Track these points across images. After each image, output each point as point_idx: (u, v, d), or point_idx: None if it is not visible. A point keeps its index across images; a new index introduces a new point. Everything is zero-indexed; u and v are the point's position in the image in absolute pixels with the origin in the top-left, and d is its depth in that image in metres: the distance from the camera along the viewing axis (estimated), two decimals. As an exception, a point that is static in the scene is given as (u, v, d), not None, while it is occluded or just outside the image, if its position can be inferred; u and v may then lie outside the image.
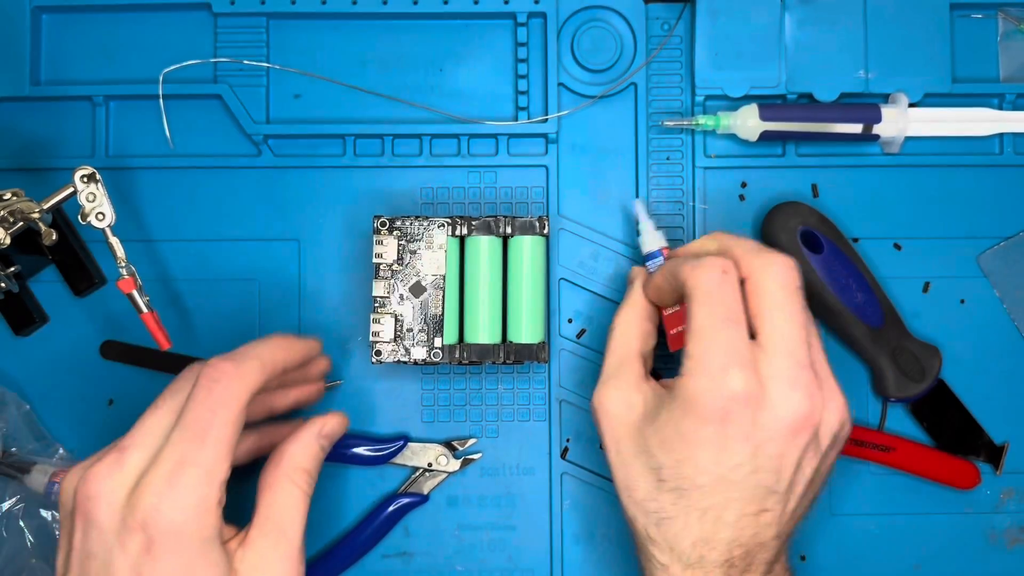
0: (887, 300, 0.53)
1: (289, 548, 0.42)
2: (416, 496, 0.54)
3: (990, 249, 0.55)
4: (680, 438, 0.41)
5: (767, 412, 0.40)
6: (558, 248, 0.55)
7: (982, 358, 0.55)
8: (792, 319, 0.42)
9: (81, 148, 0.55)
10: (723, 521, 0.41)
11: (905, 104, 0.53)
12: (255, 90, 0.55)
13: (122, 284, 0.48)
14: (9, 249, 0.48)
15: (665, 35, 0.56)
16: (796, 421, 0.40)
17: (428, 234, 0.49)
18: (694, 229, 0.55)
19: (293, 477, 0.43)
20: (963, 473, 0.53)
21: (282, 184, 0.55)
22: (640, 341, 0.47)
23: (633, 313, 0.48)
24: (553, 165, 0.55)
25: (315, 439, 0.44)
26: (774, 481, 0.41)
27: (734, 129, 0.53)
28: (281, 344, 0.44)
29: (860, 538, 0.54)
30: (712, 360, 0.40)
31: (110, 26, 0.55)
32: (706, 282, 0.42)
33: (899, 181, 0.55)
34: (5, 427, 0.53)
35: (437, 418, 0.54)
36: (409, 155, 0.55)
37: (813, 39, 0.54)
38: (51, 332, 0.55)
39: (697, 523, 0.41)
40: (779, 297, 0.42)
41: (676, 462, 0.41)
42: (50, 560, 0.53)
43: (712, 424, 0.40)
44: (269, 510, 0.42)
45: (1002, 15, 0.56)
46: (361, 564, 0.54)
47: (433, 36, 0.56)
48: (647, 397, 0.44)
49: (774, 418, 0.40)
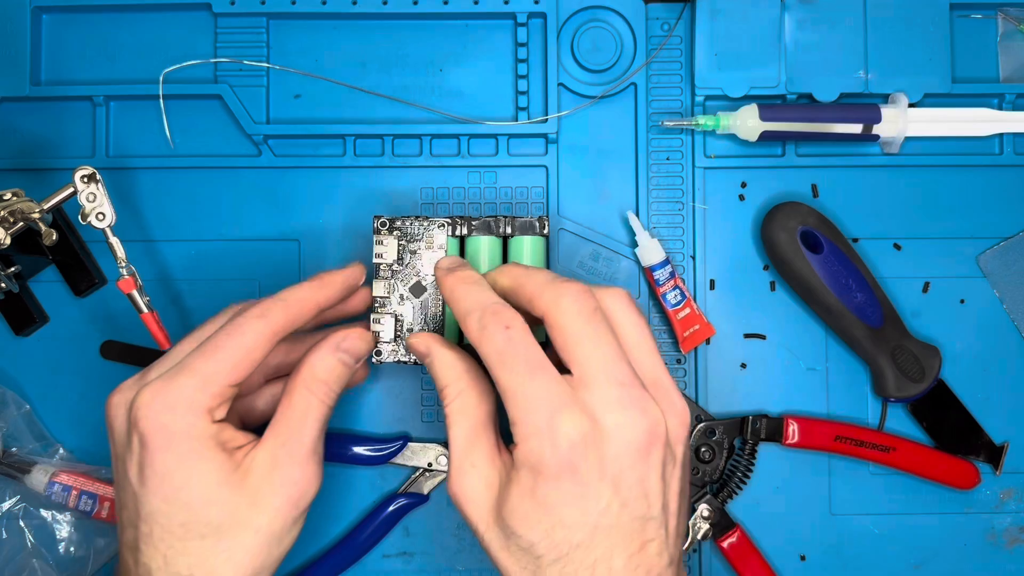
0: (887, 300, 0.53)
1: (300, 451, 0.43)
2: (416, 496, 0.54)
3: (990, 249, 0.55)
4: (539, 507, 0.38)
5: (610, 444, 0.38)
6: (558, 248, 0.55)
7: (982, 358, 0.55)
8: (598, 343, 0.40)
9: (81, 148, 0.55)
10: (615, 570, 0.38)
11: (905, 104, 0.53)
12: (255, 90, 0.55)
13: (122, 284, 0.48)
14: (9, 249, 0.48)
15: (665, 35, 0.56)
16: (642, 441, 0.39)
17: (428, 234, 0.49)
18: (694, 229, 0.55)
19: (310, 386, 0.44)
20: (963, 473, 0.53)
21: (282, 184, 0.55)
22: (481, 406, 0.43)
23: (458, 382, 0.43)
24: (553, 165, 0.55)
25: (333, 352, 0.45)
26: (646, 508, 0.39)
27: (734, 129, 0.53)
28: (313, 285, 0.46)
29: (860, 538, 0.54)
30: (535, 417, 0.38)
31: (110, 26, 0.56)
32: (493, 345, 0.40)
33: (899, 181, 0.55)
34: (5, 427, 0.53)
35: (437, 418, 0.54)
36: (409, 155, 0.55)
37: (813, 39, 0.54)
38: (51, 332, 0.55)
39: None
40: (578, 327, 0.40)
41: (545, 533, 0.38)
42: (49, 560, 0.53)
43: (564, 479, 0.38)
44: (284, 414, 0.44)
45: (1002, 15, 0.56)
46: (361, 564, 0.54)
47: (433, 36, 0.56)
48: (501, 471, 0.41)
49: (619, 446, 0.38)
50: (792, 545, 0.54)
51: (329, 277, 0.46)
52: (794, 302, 0.55)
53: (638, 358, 0.41)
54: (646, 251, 0.53)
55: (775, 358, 0.55)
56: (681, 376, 0.55)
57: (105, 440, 0.44)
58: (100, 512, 0.53)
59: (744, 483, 0.54)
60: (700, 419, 0.54)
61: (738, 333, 0.55)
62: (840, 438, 0.53)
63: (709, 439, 0.54)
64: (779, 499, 0.54)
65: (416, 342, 0.45)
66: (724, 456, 0.53)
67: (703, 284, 0.55)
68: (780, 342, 0.55)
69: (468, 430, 0.42)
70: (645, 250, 0.53)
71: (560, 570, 0.39)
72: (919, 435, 0.55)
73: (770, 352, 0.55)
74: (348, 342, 0.46)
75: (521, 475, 0.39)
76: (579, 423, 0.38)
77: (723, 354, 0.55)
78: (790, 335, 0.55)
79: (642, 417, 0.39)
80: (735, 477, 0.54)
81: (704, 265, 0.55)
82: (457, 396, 0.43)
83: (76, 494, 0.52)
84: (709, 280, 0.55)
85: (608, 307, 0.42)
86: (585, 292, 0.41)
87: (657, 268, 0.53)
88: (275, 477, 0.42)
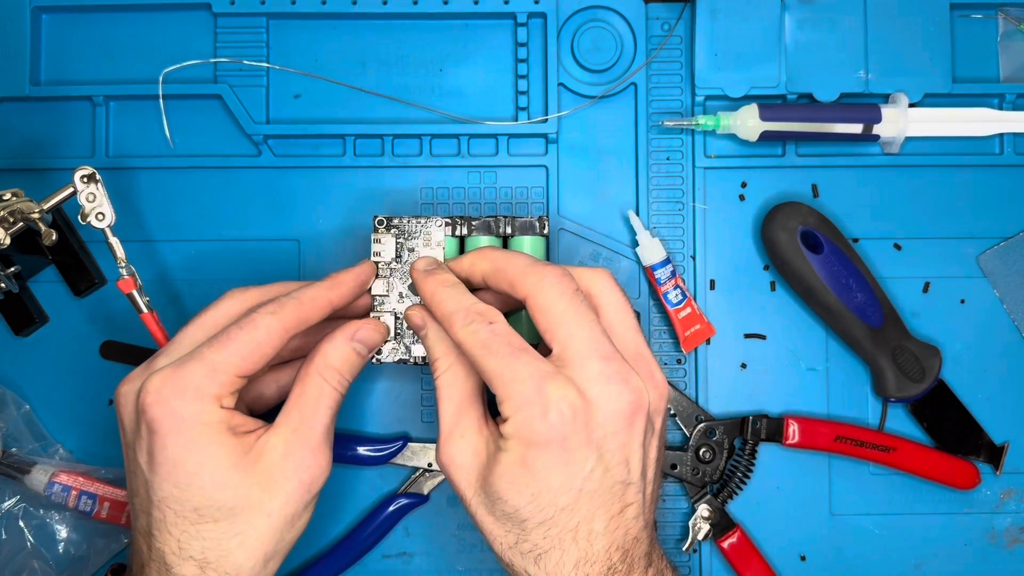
0: (887, 300, 0.53)
1: (310, 436, 0.44)
2: (416, 496, 0.54)
3: (990, 249, 0.55)
4: (527, 473, 0.40)
5: (596, 412, 0.40)
6: (558, 248, 0.55)
7: (982, 358, 0.55)
8: (580, 322, 0.41)
9: (81, 148, 0.55)
10: (595, 532, 0.40)
11: (905, 104, 0.53)
12: (255, 90, 0.55)
13: (122, 284, 0.48)
14: (9, 249, 0.48)
15: (665, 35, 0.56)
16: (626, 410, 0.40)
17: (426, 231, 0.49)
18: (694, 229, 0.55)
19: (324, 373, 0.45)
20: (963, 473, 0.53)
21: (282, 184, 0.55)
22: (469, 380, 0.45)
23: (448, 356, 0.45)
24: (553, 165, 0.55)
25: (347, 341, 0.46)
26: (626, 473, 0.41)
27: (734, 129, 0.53)
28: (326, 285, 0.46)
29: (860, 538, 0.54)
30: (523, 388, 0.40)
31: (110, 26, 0.55)
32: (478, 337, 0.42)
33: (899, 181, 0.55)
34: (5, 427, 0.53)
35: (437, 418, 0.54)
36: (409, 155, 0.55)
37: (813, 39, 0.54)
38: (51, 332, 0.55)
39: (572, 545, 0.40)
40: (560, 307, 0.42)
41: (532, 497, 0.40)
42: (49, 560, 0.53)
43: (552, 446, 0.39)
44: (296, 400, 0.44)
45: (1002, 15, 0.56)
46: (361, 564, 0.54)
47: (433, 36, 0.56)
48: (488, 441, 0.43)
49: (605, 414, 0.40)
50: (792, 545, 0.54)
51: (341, 277, 0.47)
52: (794, 302, 0.55)
53: (620, 334, 0.43)
54: (647, 250, 0.53)
55: (775, 358, 0.55)
56: (681, 376, 0.55)
57: (105, 440, 0.44)
58: (100, 512, 0.52)
59: (744, 483, 0.54)
60: (700, 419, 0.54)
61: (738, 333, 0.55)
62: (840, 438, 0.53)
63: (709, 439, 0.54)
64: (779, 499, 0.54)
65: (413, 313, 0.47)
66: (724, 456, 0.53)
67: (703, 284, 0.55)
68: (780, 342, 0.55)
69: (456, 402, 0.44)
70: (646, 249, 0.53)
71: (544, 533, 0.40)
72: (919, 435, 0.55)
73: (770, 352, 0.55)
74: (363, 332, 0.46)
75: (510, 444, 0.40)
76: (567, 392, 0.40)
77: (723, 354, 0.55)
78: (790, 335, 0.55)
79: (625, 387, 0.40)
80: (735, 477, 0.54)
81: (704, 265, 0.55)
82: (447, 369, 0.44)
83: (76, 494, 0.52)
84: (709, 280, 0.55)
85: (590, 287, 0.44)
86: (566, 274, 0.43)
87: (658, 267, 0.53)
88: (288, 462, 0.43)
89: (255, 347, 0.43)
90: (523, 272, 0.43)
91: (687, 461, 0.53)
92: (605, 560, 0.40)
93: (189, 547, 0.42)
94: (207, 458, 0.41)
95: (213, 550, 0.42)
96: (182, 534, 0.41)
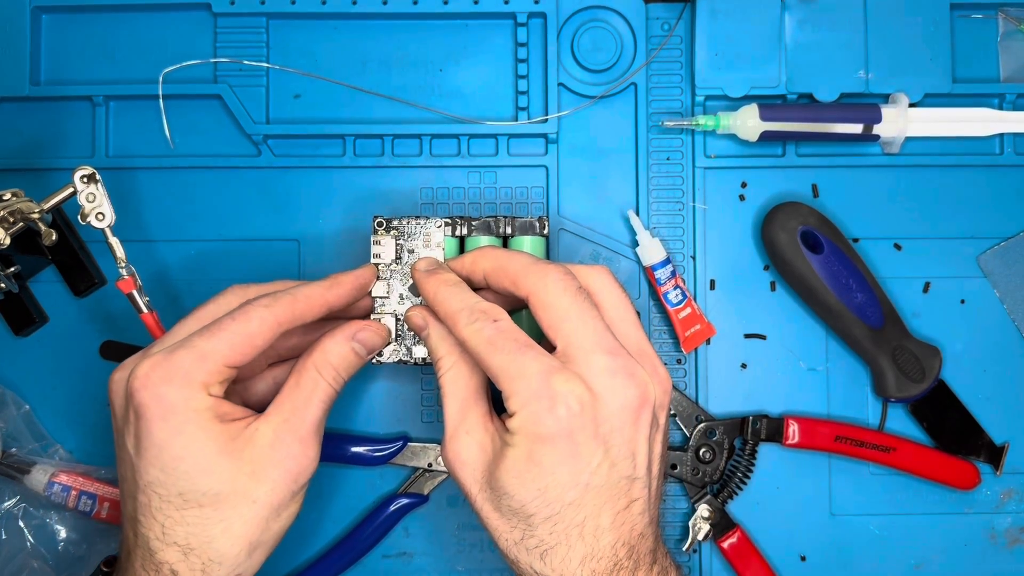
0: (887, 300, 0.53)
1: (303, 427, 0.44)
2: (416, 496, 0.54)
3: (990, 249, 0.55)
4: (534, 467, 0.40)
5: (603, 406, 0.40)
6: (558, 248, 0.55)
7: (982, 358, 0.55)
8: (584, 319, 0.42)
9: (81, 148, 0.55)
10: (601, 528, 0.40)
11: (905, 104, 0.53)
12: (255, 90, 0.55)
13: (122, 284, 0.48)
14: (9, 249, 0.48)
15: (665, 35, 0.55)
16: (633, 404, 0.41)
17: (425, 232, 0.49)
18: (694, 229, 0.55)
19: (320, 368, 0.45)
20: (963, 473, 0.53)
21: (282, 184, 0.55)
22: (473, 377, 0.45)
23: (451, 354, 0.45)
24: (553, 165, 0.55)
25: (347, 340, 0.46)
26: (632, 468, 0.41)
27: (734, 129, 0.53)
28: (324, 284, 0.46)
29: (860, 538, 0.54)
30: (530, 383, 0.40)
31: (110, 26, 0.55)
32: (483, 335, 0.42)
33: (899, 181, 0.55)
34: (5, 427, 0.53)
35: (437, 418, 0.54)
36: (409, 155, 0.55)
37: (813, 39, 0.54)
38: (51, 332, 0.55)
39: (579, 540, 0.40)
40: (564, 304, 0.42)
41: (538, 492, 0.40)
42: (49, 560, 0.53)
43: (561, 441, 0.40)
44: (290, 392, 0.45)
45: (1002, 15, 0.56)
46: (361, 564, 0.54)
47: (433, 36, 0.56)
48: (494, 437, 0.43)
49: (612, 409, 0.40)
50: (792, 545, 0.54)
51: (340, 278, 0.47)
52: (794, 302, 0.55)
53: (622, 331, 0.43)
54: (647, 250, 0.53)
55: (775, 358, 0.55)
56: (681, 376, 0.55)
57: (105, 440, 0.44)
58: (99, 512, 0.52)
59: (744, 483, 0.54)
60: (700, 419, 0.54)
61: (738, 333, 0.55)
62: (840, 438, 0.53)
63: (709, 439, 0.54)
64: (779, 499, 0.54)
65: (413, 315, 0.47)
66: (724, 456, 0.53)
67: (703, 284, 0.55)
68: (780, 342, 0.55)
69: (461, 399, 0.44)
70: (646, 249, 0.53)
71: (551, 528, 0.40)
72: (919, 435, 0.55)
73: (770, 352, 0.55)
74: (364, 334, 0.47)
75: (517, 438, 0.40)
76: (574, 386, 0.40)
77: (723, 354, 0.55)
78: (790, 335, 0.55)
79: (631, 381, 0.41)
80: (735, 477, 0.54)
81: (704, 265, 0.55)
82: (451, 367, 0.45)
83: (75, 494, 0.52)
84: (709, 280, 0.55)
85: (591, 285, 0.44)
86: (568, 272, 0.43)
87: (658, 267, 0.53)
88: (276, 450, 0.43)
89: (246, 338, 0.43)
90: (525, 270, 0.43)
91: (687, 461, 0.53)
92: (611, 556, 0.40)
93: (173, 532, 0.42)
94: (193, 443, 0.41)
95: (197, 536, 0.42)
96: (166, 519, 0.42)
